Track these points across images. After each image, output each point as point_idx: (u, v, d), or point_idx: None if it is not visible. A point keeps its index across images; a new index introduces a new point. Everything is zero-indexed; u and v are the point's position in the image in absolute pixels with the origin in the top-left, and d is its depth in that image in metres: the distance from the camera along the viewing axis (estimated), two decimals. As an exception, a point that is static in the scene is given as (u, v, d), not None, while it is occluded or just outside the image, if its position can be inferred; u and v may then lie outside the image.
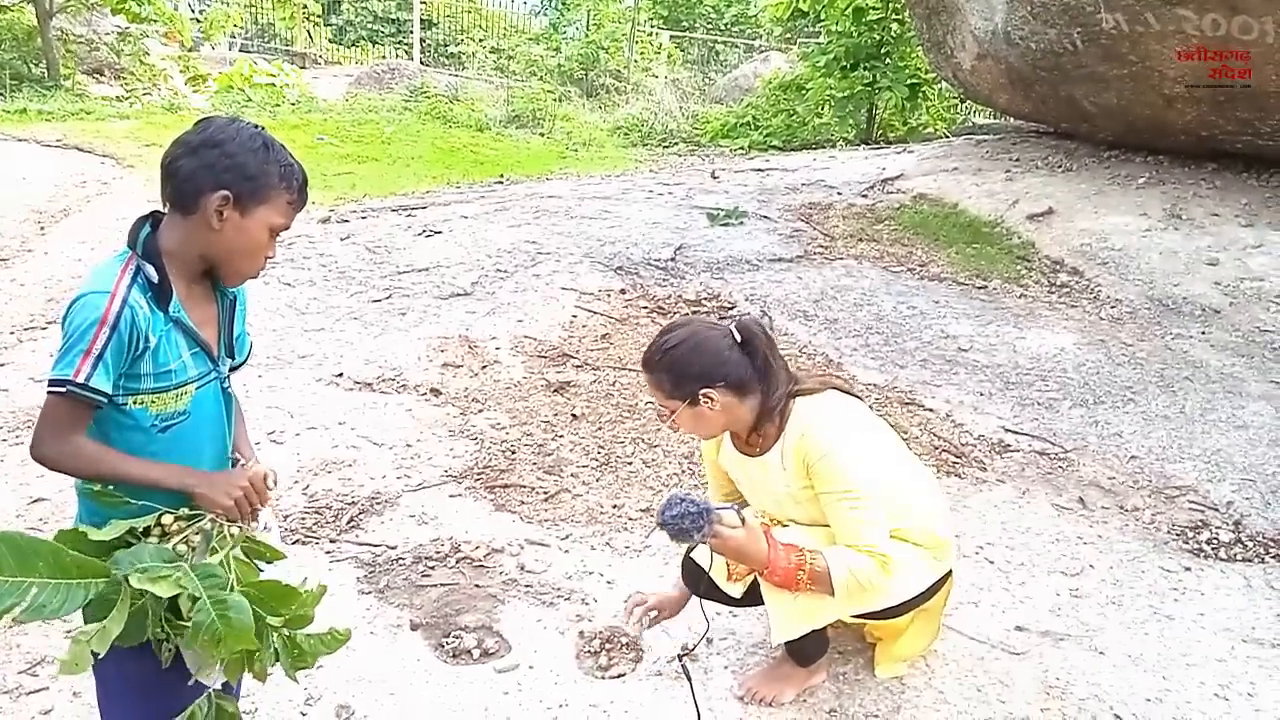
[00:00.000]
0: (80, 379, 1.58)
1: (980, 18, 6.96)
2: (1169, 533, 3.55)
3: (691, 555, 2.47)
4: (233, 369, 1.86)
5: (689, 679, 2.47)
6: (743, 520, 2.16)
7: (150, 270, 1.66)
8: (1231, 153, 6.82)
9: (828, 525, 2.28)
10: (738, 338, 2.27)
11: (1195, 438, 4.17)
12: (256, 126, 1.74)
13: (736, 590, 2.48)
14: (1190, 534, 3.54)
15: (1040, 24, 6.48)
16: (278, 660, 1.70)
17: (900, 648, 2.60)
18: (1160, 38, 6.02)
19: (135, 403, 1.66)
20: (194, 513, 1.68)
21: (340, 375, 4.65)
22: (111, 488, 1.66)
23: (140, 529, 1.63)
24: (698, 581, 2.42)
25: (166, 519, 1.65)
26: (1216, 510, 3.68)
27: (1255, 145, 6.54)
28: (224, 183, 1.66)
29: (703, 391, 2.23)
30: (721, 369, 2.24)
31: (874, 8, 11.18)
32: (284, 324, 5.18)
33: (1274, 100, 6.00)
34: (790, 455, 2.27)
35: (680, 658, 2.55)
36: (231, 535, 1.69)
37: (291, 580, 1.74)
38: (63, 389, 1.59)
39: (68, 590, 1.49)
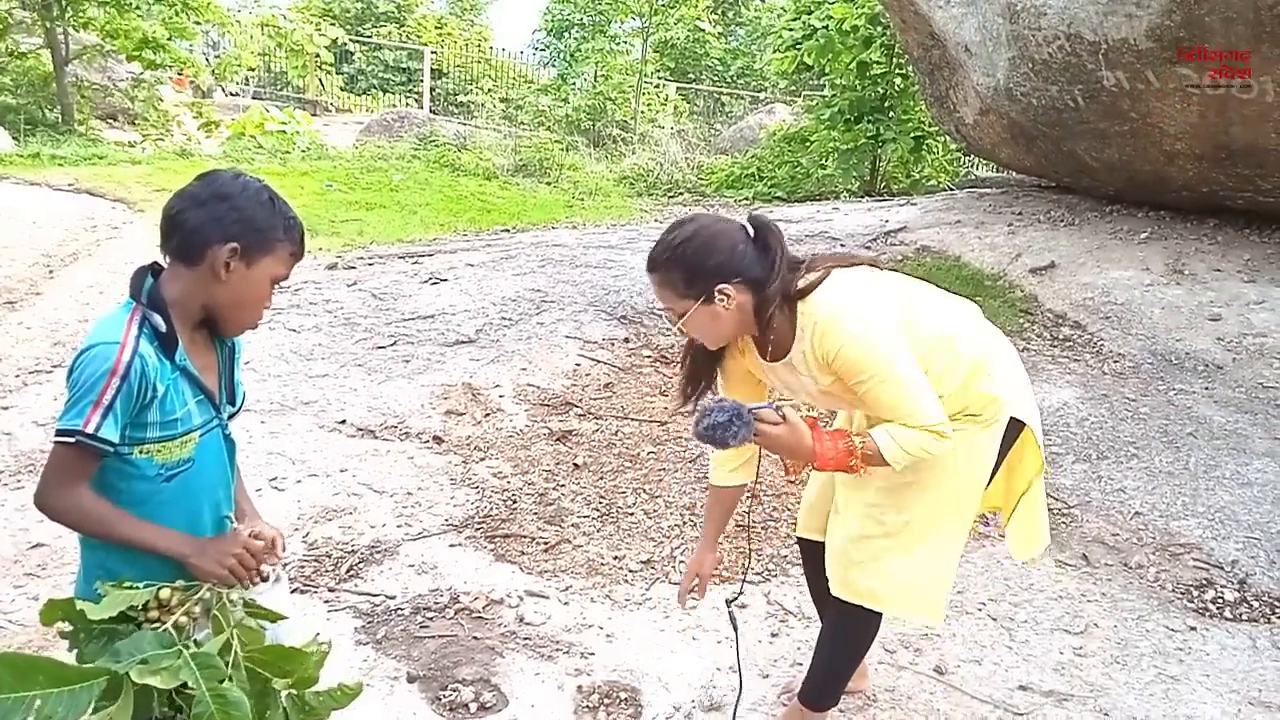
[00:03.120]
0: (90, 429, 1.59)
1: (982, 74, 7.04)
2: (1174, 591, 3.52)
3: (730, 612, 2.51)
4: (230, 416, 1.88)
5: (735, 627, 2.51)
6: (783, 416, 2.03)
7: (157, 319, 1.68)
8: (1233, 208, 6.86)
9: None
10: (751, 232, 2.15)
11: (1199, 495, 4.15)
12: (260, 181, 1.78)
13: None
14: (1195, 593, 3.51)
15: (1042, 81, 6.56)
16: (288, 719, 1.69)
17: (1020, 526, 2.51)
18: (1161, 95, 6.09)
19: (141, 452, 1.67)
20: (190, 584, 1.68)
21: (343, 422, 4.66)
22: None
23: (139, 604, 1.61)
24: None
25: (164, 593, 1.64)
26: (1221, 569, 3.65)
27: (1256, 201, 6.58)
28: (232, 235, 1.69)
29: (719, 288, 2.08)
30: (737, 264, 2.09)
31: (878, 62, 11.33)
32: (288, 370, 5.20)
33: (1274, 157, 6.05)
34: (810, 357, 2.13)
35: (729, 603, 2.53)
36: (231, 602, 1.69)
37: (299, 637, 1.74)
38: (71, 439, 1.60)
39: (72, 696, 1.47)
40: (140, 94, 13.27)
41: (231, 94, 19.47)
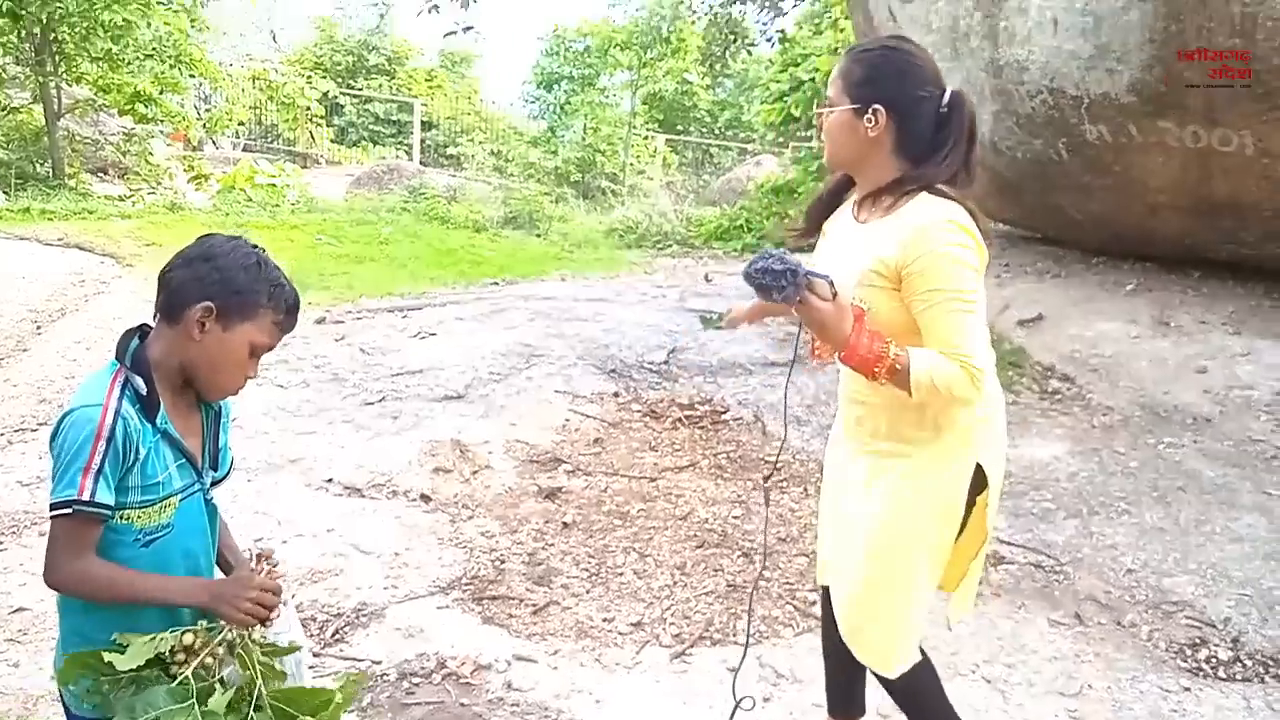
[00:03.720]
0: (85, 496, 1.58)
1: (967, 128, 7.13)
2: (1167, 650, 3.49)
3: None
4: (215, 483, 1.86)
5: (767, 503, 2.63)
6: (834, 294, 1.91)
7: (139, 382, 1.67)
8: (1216, 260, 6.93)
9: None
10: (945, 101, 2.07)
11: (1191, 550, 4.14)
12: (255, 247, 1.78)
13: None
14: (1189, 651, 3.48)
15: (1026, 134, 6.65)
16: None
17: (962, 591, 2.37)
18: (1143, 149, 6.18)
19: (121, 518, 1.66)
20: (212, 626, 1.69)
21: (330, 480, 4.62)
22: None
23: (167, 649, 1.62)
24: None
25: (188, 638, 1.65)
26: (1214, 627, 3.62)
27: (1239, 254, 6.65)
28: (209, 295, 1.69)
29: (875, 107, 2.02)
30: (912, 105, 2.03)
31: (864, 115, 11.47)
32: (276, 427, 5.17)
33: (1254, 210, 6.13)
34: (904, 232, 2.01)
35: (766, 478, 2.47)
36: (253, 641, 1.69)
37: (305, 671, 1.80)
38: (68, 509, 1.58)
39: None
40: (132, 148, 13.32)
41: (220, 148, 19.60)
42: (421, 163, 19.75)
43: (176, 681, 1.61)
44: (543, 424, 5.38)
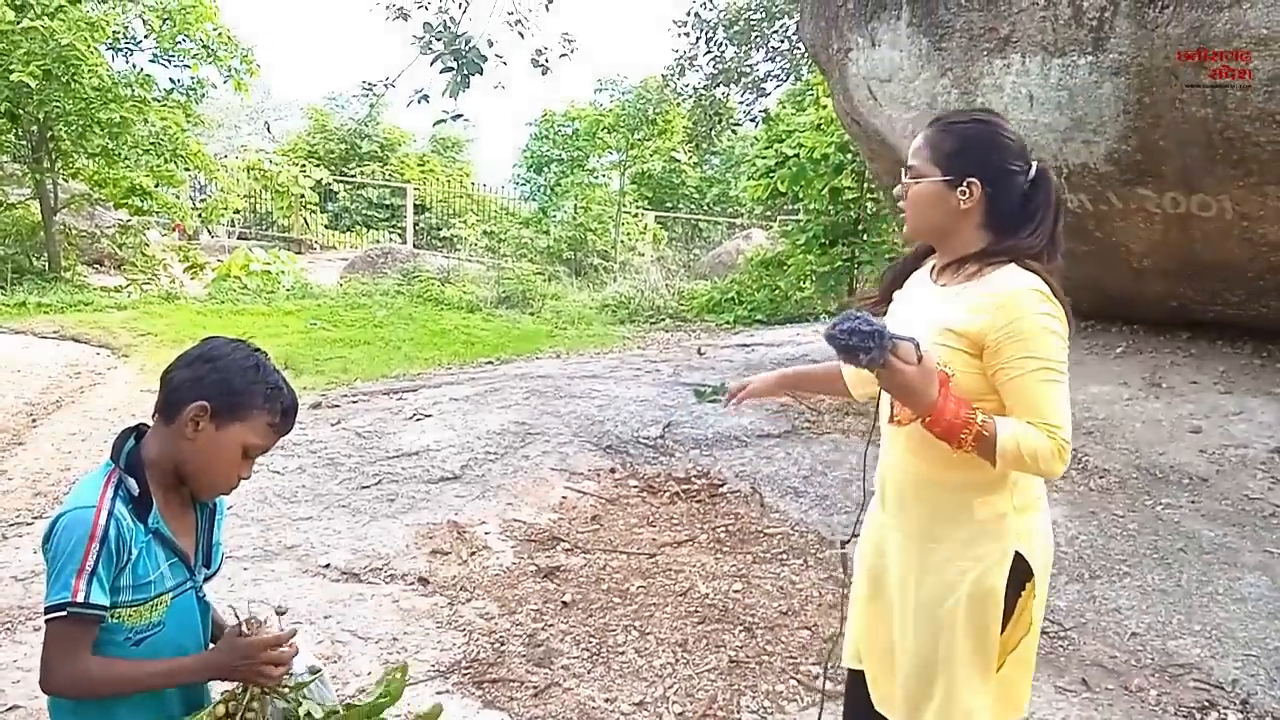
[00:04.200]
0: (80, 598, 1.58)
1: (950, 199, 7.26)
2: (1176, 714, 3.45)
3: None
4: (206, 578, 1.86)
5: (845, 569, 2.32)
6: (919, 358, 1.86)
7: (131, 483, 1.69)
8: (1204, 321, 6.99)
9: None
10: (1032, 173, 2.08)
11: (1194, 612, 4.11)
12: (256, 350, 1.80)
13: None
14: (1198, 715, 3.44)
15: (1008, 204, 6.76)
16: None
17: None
18: (1124, 215, 6.29)
19: (113, 616, 1.66)
20: (237, 693, 1.73)
21: (327, 566, 4.59)
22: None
23: None
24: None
25: (220, 709, 1.70)
26: (1222, 689, 3.59)
27: (1225, 314, 6.72)
28: (204, 395, 1.71)
29: (970, 181, 2.02)
30: (1003, 178, 2.04)
31: (849, 188, 11.68)
32: (272, 513, 5.15)
33: (1237, 272, 6.21)
34: (993, 298, 1.99)
35: (843, 545, 2.34)
36: (281, 692, 1.74)
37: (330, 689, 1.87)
38: (63, 612, 1.58)
39: None
40: (128, 240, 13.49)
41: (215, 237, 19.84)
42: (415, 245, 19.99)
43: None
44: (540, 502, 5.37)
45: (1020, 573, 2.11)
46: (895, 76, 6.97)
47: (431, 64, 6.05)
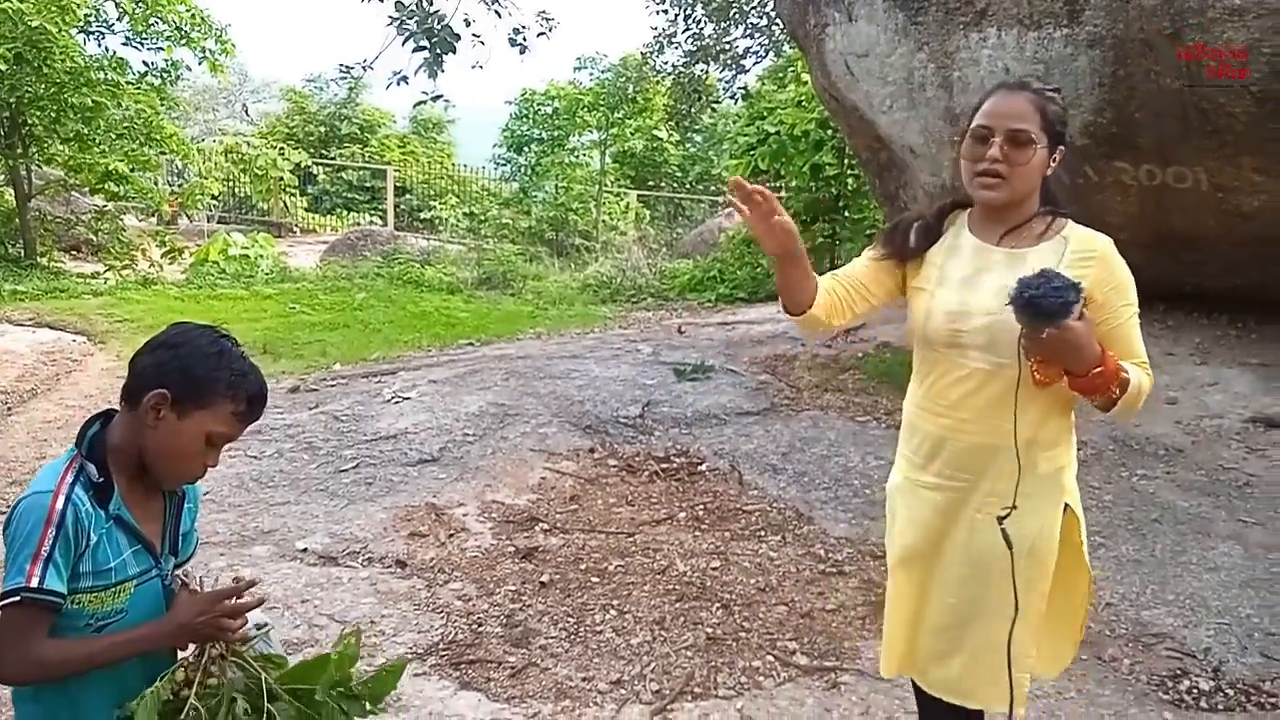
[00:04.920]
0: (33, 584, 1.56)
1: (929, 174, 7.26)
2: (1149, 683, 3.48)
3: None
4: (176, 565, 1.84)
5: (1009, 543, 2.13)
6: (1081, 313, 1.91)
7: (92, 469, 1.67)
8: (1181, 293, 7.01)
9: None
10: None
11: (1168, 582, 4.15)
12: (223, 336, 1.76)
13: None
14: (1170, 683, 3.47)
15: (985, 178, 6.76)
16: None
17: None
18: (1100, 188, 6.29)
19: (72, 603, 1.63)
20: (195, 655, 1.70)
21: (304, 550, 4.57)
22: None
23: (169, 694, 1.64)
24: None
25: (179, 674, 1.66)
26: (1195, 657, 3.62)
27: (1202, 286, 6.75)
28: (165, 382, 1.68)
29: (1061, 148, 2.16)
30: (1066, 144, 2.20)
31: (830, 164, 11.64)
32: (248, 499, 5.13)
33: (1213, 244, 6.23)
34: (1092, 254, 2.10)
35: (1001, 520, 2.13)
36: (240, 651, 1.72)
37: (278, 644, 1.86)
38: (17, 598, 1.56)
39: None
40: (104, 226, 13.34)
41: (195, 221, 19.67)
42: (396, 227, 19.86)
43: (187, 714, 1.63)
44: (519, 484, 5.36)
45: (1070, 526, 2.19)
46: (872, 51, 6.95)
47: (403, 44, 5.99)
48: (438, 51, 5.91)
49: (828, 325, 2.36)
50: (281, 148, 20.33)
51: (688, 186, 24.05)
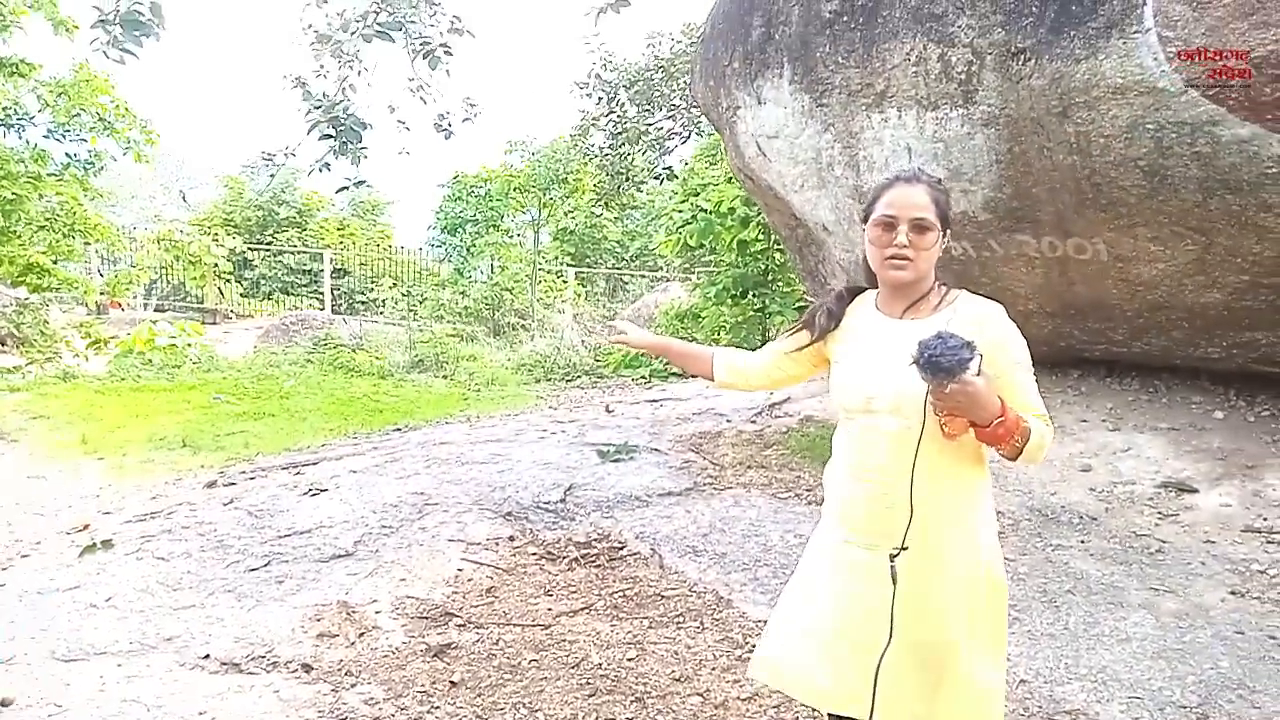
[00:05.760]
0: None
1: (843, 250, 7.38)
2: (1060, 763, 3.45)
3: None
4: None
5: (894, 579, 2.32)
6: (980, 370, 2.13)
7: None
8: (1092, 359, 7.17)
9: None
10: None
11: (1081, 655, 4.14)
12: None
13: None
14: (1081, 763, 3.44)
15: (897, 253, 6.88)
16: None
17: None
18: (1006, 260, 6.44)
19: None
20: None
21: (206, 657, 4.40)
22: None
23: None
24: None
25: None
26: (1106, 734, 3.60)
27: (1111, 352, 6.89)
28: None
29: (947, 231, 2.42)
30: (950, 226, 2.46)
31: (757, 240, 11.82)
32: (152, 604, 4.94)
33: (1118, 311, 6.38)
34: (966, 318, 2.32)
35: (892, 558, 2.32)
36: None
37: None
38: None
39: None
40: (26, 318, 13.08)
41: (130, 309, 19.37)
42: (334, 310, 19.75)
43: None
44: (434, 577, 5.24)
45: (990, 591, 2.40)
46: (781, 133, 7.10)
47: (308, 132, 6.00)
48: (343, 140, 5.93)
49: (747, 388, 2.82)
50: (214, 234, 20.19)
51: (628, 262, 24.27)
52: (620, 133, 13.42)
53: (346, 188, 8.56)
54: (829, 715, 2.57)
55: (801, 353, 2.63)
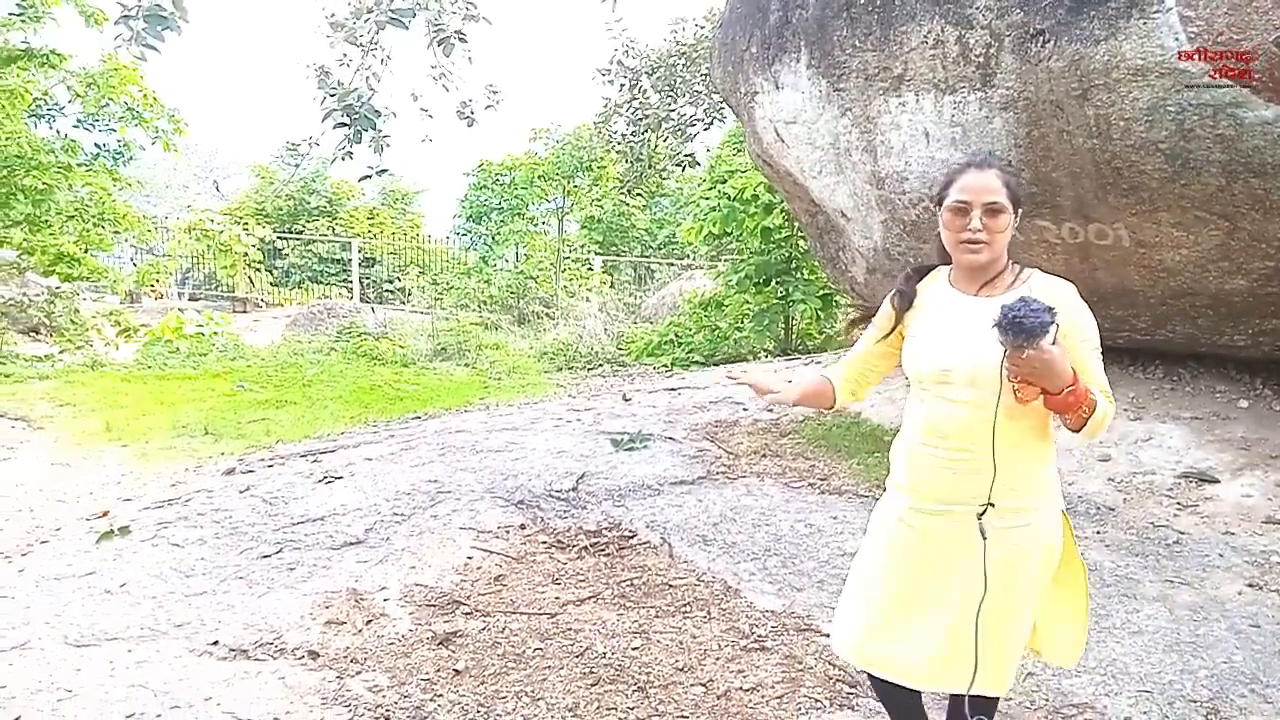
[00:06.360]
0: None
1: (861, 236, 7.30)
2: (1064, 758, 3.39)
3: None
4: None
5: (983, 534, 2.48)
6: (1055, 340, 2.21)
7: None
8: (1115, 347, 7.02)
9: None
10: None
11: (1091, 647, 4.06)
12: None
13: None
14: (1086, 758, 3.38)
15: (915, 240, 6.80)
16: None
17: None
18: (1026, 247, 6.33)
19: None
20: None
21: (215, 644, 4.44)
22: None
23: None
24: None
25: None
26: (1113, 728, 3.54)
27: (1134, 340, 6.76)
28: None
29: (1019, 212, 2.51)
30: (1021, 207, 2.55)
31: (780, 228, 11.73)
32: (164, 590, 5.00)
33: (1142, 297, 6.26)
34: (1040, 296, 2.28)
35: (979, 516, 2.49)
36: None
37: None
38: None
39: None
40: (57, 307, 13.26)
41: (164, 298, 19.62)
42: (362, 299, 19.87)
43: None
44: (444, 565, 5.25)
45: (1065, 528, 2.58)
46: (799, 118, 7.02)
47: (323, 120, 6.01)
48: (358, 128, 5.94)
49: (863, 395, 2.97)
50: (245, 223, 20.37)
51: (656, 250, 24.18)
52: (642, 119, 13.36)
53: (369, 176, 8.61)
54: (877, 682, 2.79)
55: (887, 339, 2.72)
